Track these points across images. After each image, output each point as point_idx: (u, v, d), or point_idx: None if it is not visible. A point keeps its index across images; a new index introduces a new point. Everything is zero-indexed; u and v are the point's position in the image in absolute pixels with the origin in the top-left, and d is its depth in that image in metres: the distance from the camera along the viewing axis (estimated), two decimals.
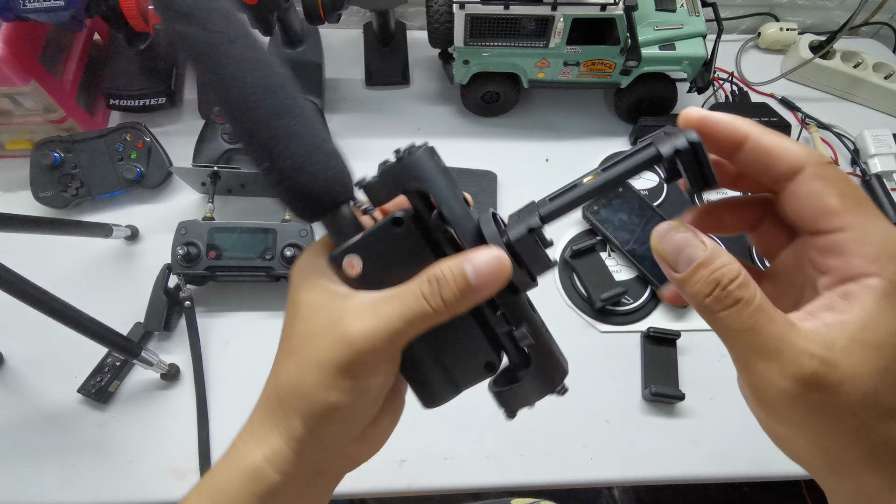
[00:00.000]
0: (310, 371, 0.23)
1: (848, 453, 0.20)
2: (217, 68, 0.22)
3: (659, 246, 0.22)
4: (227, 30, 0.22)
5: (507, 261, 0.22)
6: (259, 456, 0.24)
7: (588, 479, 0.56)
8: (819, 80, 0.84)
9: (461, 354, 0.26)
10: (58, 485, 0.53)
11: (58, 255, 0.64)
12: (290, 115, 0.23)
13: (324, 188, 0.23)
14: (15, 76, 0.58)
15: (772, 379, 0.19)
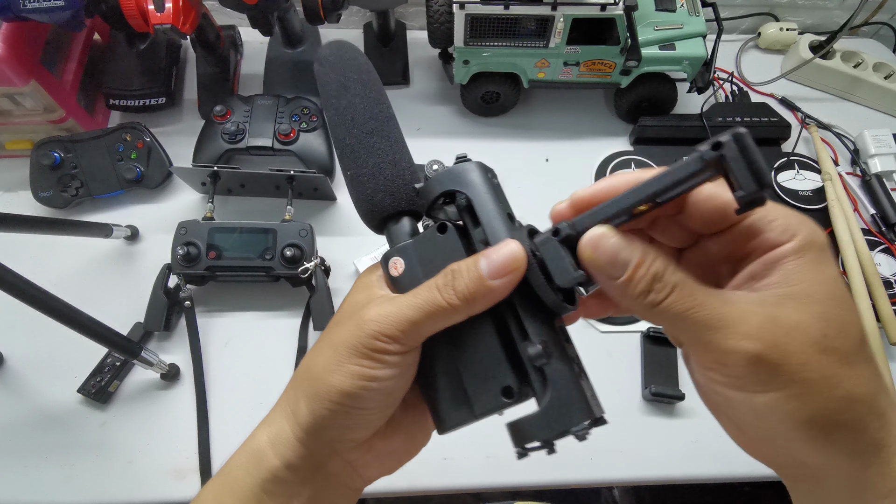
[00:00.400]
0: (323, 353, 0.23)
1: (829, 409, 0.20)
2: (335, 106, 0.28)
3: (595, 256, 0.22)
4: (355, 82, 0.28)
5: (521, 253, 0.22)
6: (264, 437, 0.24)
7: (588, 479, 0.56)
8: (819, 80, 0.84)
9: (481, 376, 0.24)
10: (58, 485, 0.53)
11: (58, 255, 0.64)
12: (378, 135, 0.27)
13: (386, 196, 0.27)
14: (15, 76, 0.58)
15: (730, 345, 0.20)
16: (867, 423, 0.20)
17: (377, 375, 0.23)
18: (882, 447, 0.20)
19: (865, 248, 0.67)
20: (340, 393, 0.23)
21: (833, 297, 0.21)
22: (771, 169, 0.75)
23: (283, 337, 0.61)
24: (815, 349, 0.20)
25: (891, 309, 0.63)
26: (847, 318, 0.21)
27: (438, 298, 0.22)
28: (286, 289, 0.63)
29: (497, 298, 0.23)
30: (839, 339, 0.20)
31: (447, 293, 0.22)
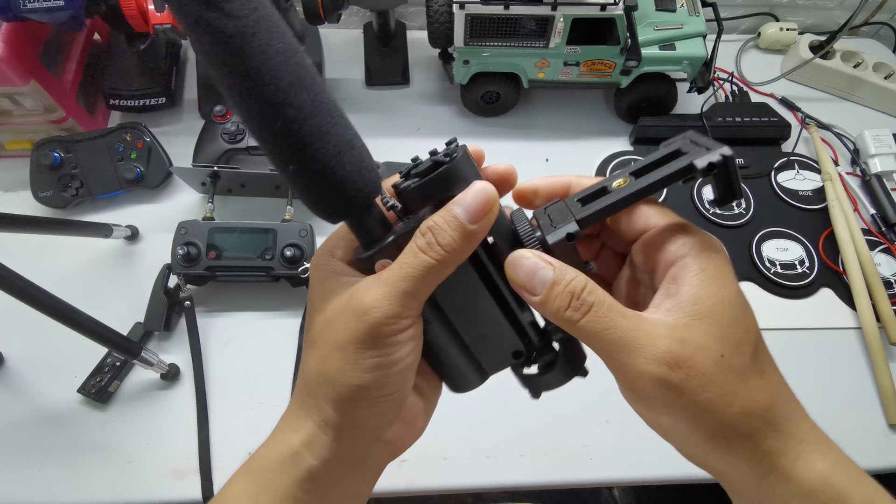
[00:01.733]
0: (332, 356, 0.23)
1: (725, 425, 0.22)
2: (244, 63, 0.19)
3: (514, 275, 0.24)
4: (255, 15, 0.19)
5: (492, 189, 0.23)
6: (296, 442, 0.24)
7: (588, 479, 0.56)
8: (819, 80, 0.84)
9: (489, 344, 0.27)
10: (58, 485, 0.53)
11: (58, 255, 0.64)
12: (322, 114, 0.21)
13: (356, 188, 0.22)
14: (15, 76, 0.58)
15: (639, 368, 0.22)
16: (764, 433, 0.22)
17: (394, 359, 0.23)
18: (780, 454, 0.22)
19: (865, 248, 0.67)
20: (365, 389, 0.23)
21: (730, 315, 0.22)
22: (771, 169, 0.75)
23: (283, 337, 0.61)
24: (715, 369, 0.21)
25: (891, 309, 0.63)
26: (741, 335, 0.22)
27: (426, 260, 0.22)
28: (286, 289, 0.63)
29: (479, 242, 0.23)
30: (735, 358, 0.22)
31: (435, 251, 0.22)
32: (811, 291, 0.67)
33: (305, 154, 0.21)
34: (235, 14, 0.19)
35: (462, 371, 0.27)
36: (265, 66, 0.20)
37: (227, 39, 0.19)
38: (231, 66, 0.20)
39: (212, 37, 0.19)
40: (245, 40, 0.19)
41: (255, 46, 0.19)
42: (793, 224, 0.71)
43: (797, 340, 0.64)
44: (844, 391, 0.61)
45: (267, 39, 0.20)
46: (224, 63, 0.20)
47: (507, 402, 0.59)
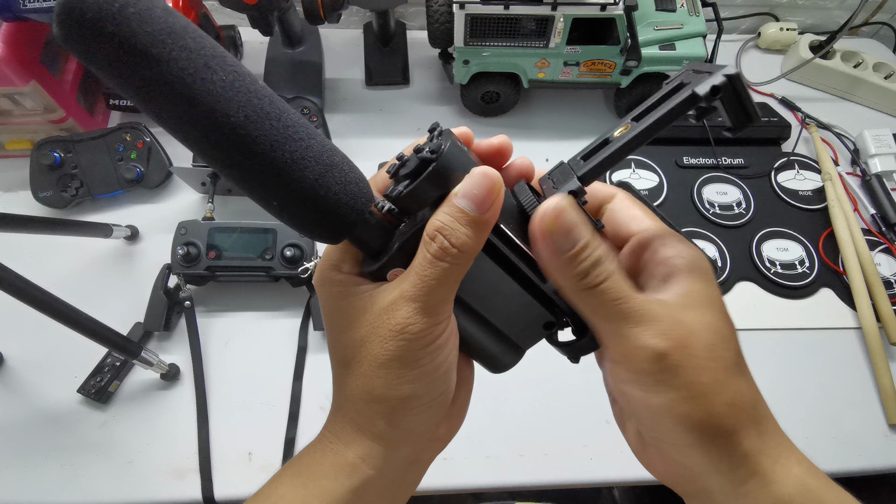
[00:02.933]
0: (376, 375, 0.23)
1: (714, 413, 0.22)
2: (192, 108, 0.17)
3: (553, 224, 0.22)
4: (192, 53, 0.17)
5: (494, 173, 0.21)
6: (352, 455, 0.24)
7: (588, 479, 0.56)
8: (819, 80, 0.84)
9: (520, 322, 0.26)
10: (58, 485, 0.53)
11: (58, 255, 0.64)
12: (291, 139, 0.19)
13: (348, 206, 0.21)
14: (15, 76, 0.58)
15: (643, 340, 0.22)
16: (748, 429, 0.22)
17: (438, 363, 0.23)
18: (761, 455, 0.22)
19: (865, 248, 0.67)
20: (417, 398, 0.23)
21: (719, 311, 0.23)
22: (771, 169, 0.75)
23: (283, 337, 0.61)
24: (708, 355, 0.22)
25: (891, 309, 0.63)
26: (729, 332, 0.23)
27: (443, 266, 0.21)
28: (286, 289, 0.63)
29: (491, 228, 0.22)
30: (725, 350, 0.22)
31: (449, 256, 0.21)
32: (811, 291, 0.67)
33: (285, 186, 0.20)
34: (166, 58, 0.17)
35: (498, 353, 0.27)
36: (214, 106, 0.18)
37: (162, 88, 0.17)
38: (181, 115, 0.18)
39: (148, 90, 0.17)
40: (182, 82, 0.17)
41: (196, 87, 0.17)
42: (793, 224, 0.71)
43: (797, 340, 0.64)
44: (844, 391, 0.61)
45: (208, 74, 0.18)
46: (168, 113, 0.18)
47: (507, 402, 0.59)
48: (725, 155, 0.75)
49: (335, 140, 0.71)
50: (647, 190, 0.72)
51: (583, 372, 0.63)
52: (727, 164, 0.75)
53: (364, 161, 0.73)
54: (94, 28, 0.16)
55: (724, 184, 0.73)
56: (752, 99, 0.20)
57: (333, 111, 0.77)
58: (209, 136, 0.18)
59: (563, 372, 0.61)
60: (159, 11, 0.17)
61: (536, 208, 0.23)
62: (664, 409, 0.22)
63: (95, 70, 0.17)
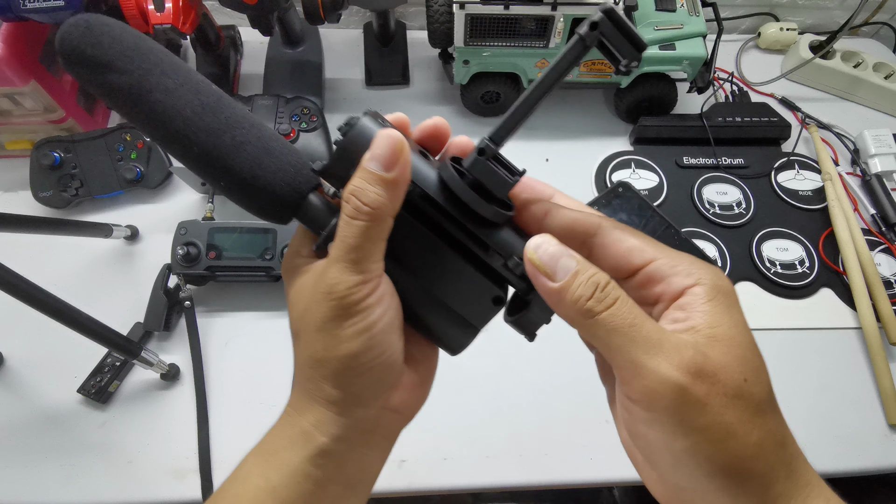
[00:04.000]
0: (316, 339, 0.24)
1: (743, 456, 0.20)
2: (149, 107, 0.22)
3: (535, 256, 0.23)
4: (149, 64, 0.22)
5: (395, 133, 0.22)
6: (305, 423, 0.25)
7: (588, 479, 0.56)
8: (819, 80, 0.84)
9: (468, 298, 0.26)
10: (58, 485, 0.53)
11: (58, 255, 0.64)
12: (232, 129, 0.24)
13: (286, 186, 0.24)
14: (15, 76, 0.58)
15: (661, 371, 0.20)
16: (777, 472, 0.20)
17: (372, 320, 0.23)
18: (790, 499, 0.20)
19: (865, 248, 0.67)
20: (354, 357, 0.23)
21: (747, 341, 0.21)
22: (771, 169, 0.75)
23: (283, 337, 0.61)
24: (735, 393, 0.20)
25: (891, 309, 0.63)
26: (760, 365, 0.21)
27: (359, 224, 0.22)
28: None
29: (404, 187, 0.23)
30: (756, 385, 0.20)
31: (364, 213, 0.22)
32: (811, 291, 0.67)
33: (227, 169, 0.24)
34: (127, 70, 0.22)
35: (449, 331, 0.27)
36: (167, 105, 0.22)
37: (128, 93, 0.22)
38: (139, 114, 0.23)
39: (113, 95, 0.22)
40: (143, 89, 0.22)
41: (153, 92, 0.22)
42: (793, 224, 0.71)
43: (797, 340, 0.64)
44: (844, 391, 0.61)
45: (162, 80, 0.22)
46: (132, 112, 0.23)
47: (506, 402, 0.59)
48: (725, 155, 0.75)
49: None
50: (646, 190, 0.72)
51: (583, 371, 0.63)
52: (727, 164, 0.75)
53: None
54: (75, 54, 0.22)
55: (724, 184, 0.73)
56: (635, 29, 0.21)
57: (333, 111, 0.77)
58: (164, 127, 0.23)
59: (563, 372, 0.61)
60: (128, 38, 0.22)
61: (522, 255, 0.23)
62: (686, 453, 0.20)
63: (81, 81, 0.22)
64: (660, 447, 0.21)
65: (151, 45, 0.23)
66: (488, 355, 0.61)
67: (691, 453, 0.20)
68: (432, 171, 0.25)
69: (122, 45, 0.22)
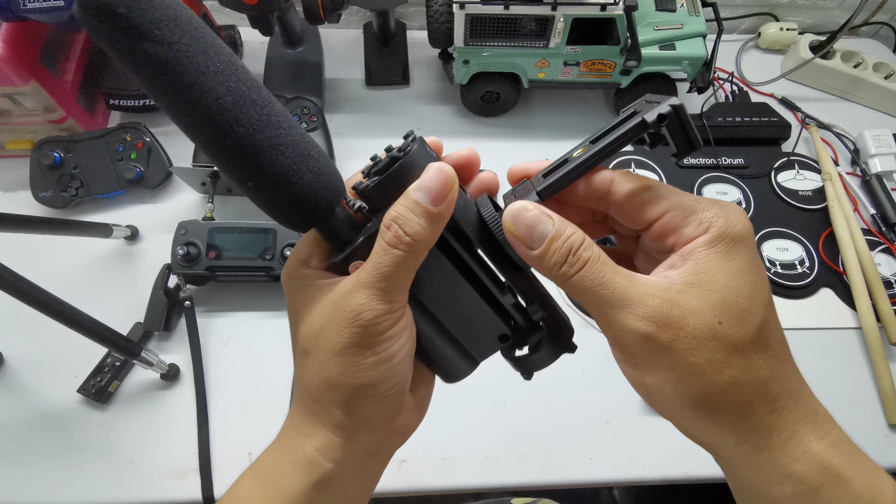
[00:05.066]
0: (332, 363, 0.23)
1: (712, 392, 0.21)
2: (185, 89, 0.20)
3: (512, 227, 0.23)
4: (187, 38, 0.20)
5: (448, 168, 0.23)
6: (310, 448, 0.24)
7: (588, 479, 0.56)
8: (819, 80, 0.84)
9: (476, 332, 0.27)
10: (58, 485, 0.53)
11: (58, 255, 0.64)
12: (272, 126, 0.22)
13: (319, 195, 0.23)
14: (15, 76, 0.58)
15: (627, 324, 0.22)
16: (755, 406, 0.22)
17: (393, 352, 0.23)
18: (772, 431, 0.22)
19: (865, 248, 0.67)
20: (372, 386, 0.23)
21: (736, 286, 0.22)
22: (771, 169, 0.75)
23: (283, 337, 0.61)
24: (707, 335, 0.21)
25: (891, 309, 0.63)
26: (745, 305, 0.22)
27: (397, 253, 0.22)
28: None
29: (444, 224, 0.23)
30: (733, 327, 0.21)
31: (405, 243, 0.22)
32: (811, 291, 0.67)
33: (260, 169, 0.22)
34: (168, 40, 0.19)
35: (451, 360, 0.27)
36: (207, 88, 0.20)
37: (165, 67, 0.19)
38: (173, 93, 0.20)
39: (149, 67, 0.19)
40: (182, 66, 0.19)
41: (192, 70, 0.20)
42: (793, 224, 0.71)
43: (797, 340, 0.64)
44: (844, 391, 0.61)
45: (204, 61, 0.20)
46: (165, 91, 0.20)
47: (507, 402, 0.59)
48: (725, 155, 0.75)
49: (335, 140, 0.71)
50: None
51: (583, 371, 0.63)
52: (727, 164, 0.75)
53: (363, 161, 0.73)
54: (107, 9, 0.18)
55: (725, 184, 0.73)
56: (695, 129, 0.22)
57: (333, 111, 0.77)
58: (199, 113, 0.20)
59: (563, 372, 0.61)
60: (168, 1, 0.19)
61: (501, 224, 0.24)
62: (656, 388, 0.22)
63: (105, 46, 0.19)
64: (636, 383, 0.24)
65: (191, 15, 0.20)
66: None
67: (660, 388, 0.22)
68: (468, 207, 0.25)
69: (161, 11, 0.19)
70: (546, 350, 0.27)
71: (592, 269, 0.22)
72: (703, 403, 0.22)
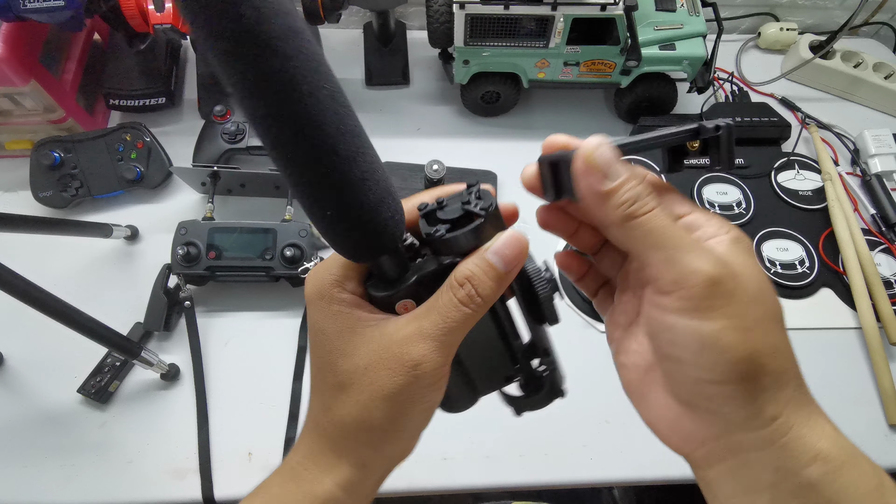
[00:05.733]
0: (376, 406, 0.23)
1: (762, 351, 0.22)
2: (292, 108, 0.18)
3: (594, 156, 0.23)
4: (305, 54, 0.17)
5: (524, 237, 0.24)
6: (329, 483, 0.24)
7: (588, 479, 0.56)
8: (819, 80, 0.84)
9: (487, 369, 0.28)
10: (58, 485, 0.53)
11: (58, 255, 0.64)
12: (366, 160, 0.20)
13: (390, 233, 0.22)
14: (15, 76, 0.58)
15: (696, 265, 0.22)
16: (789, 378, 0.22)
17: (437, 400, 0.24)
18: (801, 406, 0.22)
19: (865, 248, 0.67)
20: (409, 430, 0.25)
21: (761, 273, 0.23)
22: (771, 169, 0.75)
23: (283, 337, 0.61)
24: (758, 296, 0.22)
25: (891, 309, 0.63)
26: (771, 290, 0.24)
27: (468, 312, 0.22)
28: (286, 289, 0.63)
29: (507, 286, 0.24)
30: (770, 299, 0.23)
31: (475, 303, 0.23)
32: (811, 291, 0.67)
33: (347, 202, 0.20)
34: (288, 54, 0.17)
35: (460, 393, 0.28)
36: (314, 111, 0.18)
37: (278, 83, 0.17)
38: (277, 112, 0.18)
39: (260, 80, 0.17)
40: (295, 83, 0.17)
41: (304, 90, 0.17)
42: (793, 224, 0.71)
43: (797, 340, 0.63)
44: (844, 391, 0.61)
45: (316, 81, 0.18)
46: (269, 109, 0.18)
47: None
48: None
49: None
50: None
51: (583, 371, 0.63)
52: None
53: None
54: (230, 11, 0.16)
55: (724, 184, 0.73)
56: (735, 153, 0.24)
57: None
58: (300, 137, 0.18)
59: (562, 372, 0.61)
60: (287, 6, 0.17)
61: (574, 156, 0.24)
62: (713, 336, 0.21)
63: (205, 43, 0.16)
64: (686, 333, 0.22)
65: (304, 25, 0.18)
66: None
67: (718, 337, 0.21)
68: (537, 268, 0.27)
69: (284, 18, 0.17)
70: (543, 396, 0.30)
71: (661, 214, 0.23)
72: (753, 362, 0.21)
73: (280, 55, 0.17)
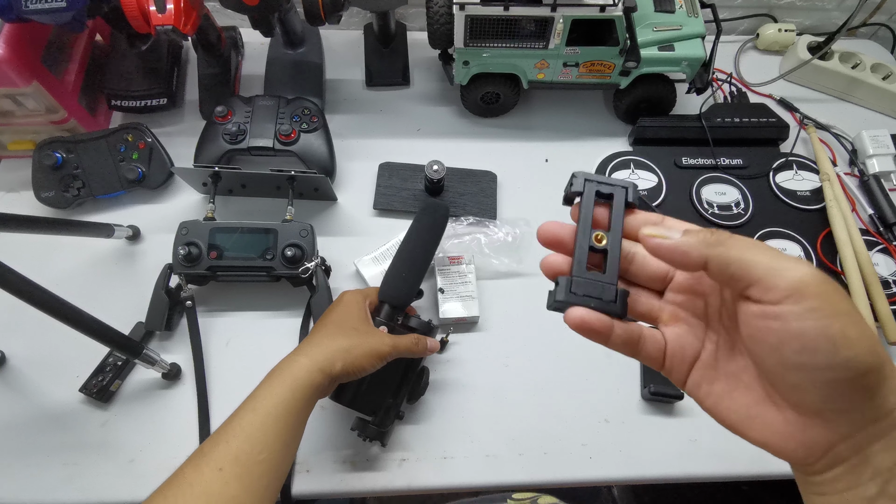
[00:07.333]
0: (365, 352, 0.47)
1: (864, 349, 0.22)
2: (431, 240, 0.57)
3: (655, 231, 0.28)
4: (436, 216, 0.58)
5: (435, 345, 0.55)
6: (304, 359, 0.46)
7: (587, 478, 0.56)
8: (817, 80, 0.85)
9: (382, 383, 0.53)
10: (59, 484, 0.53)
11: (60, 255, 0.64)
12: (427, 264, 0.57)
13: (408, 300, 0.55)
14: (17, 77, 0.59)
15: (803, 269, 0.23)
16: (886, 373, 0.23)
17: (377, 366, 0.48)
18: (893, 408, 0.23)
19: (863, 248, 0.67)
20: (364, 370, 0.47)
21: None
22: (769, 169, 0.75)
23: (283, 336, 0.61)
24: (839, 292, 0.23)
25: (889, 309, 0.63)
26: None
27: (413, 347, 0.51)
28: (287, 289, 0.63)
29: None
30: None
31: (418, 347, 0.52)
32: None
33: (417, 274, 0.55)
34: (432, 214, 0.58)
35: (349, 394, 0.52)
36: (433, 239, 0.58)
37: (429, 230, 0.57)
38: (427, 243, 0.57)
39: (426, 232, 0.57)
40: (436, 239, 0.58)
41: (434, 232, 0.58)
42: (791, 224, 0.71)
43: None
44: None
45: (436, 240, 0.58)
46: (425, 242, 0.57)
47: (506, 401, 0.59)
48: (724, 155, 0.75)
49: (335, 140, 0.71)
50: (646, 190, 0.73)
51: (582, 371, 0.63)
52: (726, 164, 0.75)
53: (364, 161, 0.74)
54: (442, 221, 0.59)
55: (723, 184, 0.74)
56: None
57: (334, 112, 0.78)
58: (423, 256, 0.57)
59: (562, 372, 0.62)
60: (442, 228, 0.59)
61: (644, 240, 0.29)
62: (842, 334, 0.22)
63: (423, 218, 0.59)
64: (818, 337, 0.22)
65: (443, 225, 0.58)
66: (488, 355, 0.61)
67: (846, 334, 0.22)
68: None
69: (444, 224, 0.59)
70: (374, 432, 0.53)
71: (743, 236, 0.25)
72: (876, 352, 0.22)
73: (437, 232, 0.58)
